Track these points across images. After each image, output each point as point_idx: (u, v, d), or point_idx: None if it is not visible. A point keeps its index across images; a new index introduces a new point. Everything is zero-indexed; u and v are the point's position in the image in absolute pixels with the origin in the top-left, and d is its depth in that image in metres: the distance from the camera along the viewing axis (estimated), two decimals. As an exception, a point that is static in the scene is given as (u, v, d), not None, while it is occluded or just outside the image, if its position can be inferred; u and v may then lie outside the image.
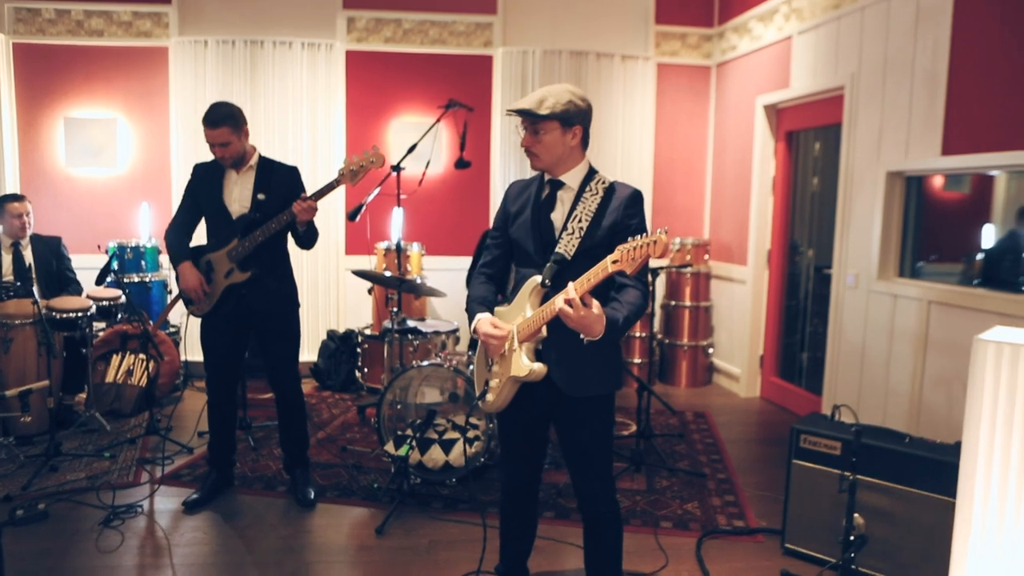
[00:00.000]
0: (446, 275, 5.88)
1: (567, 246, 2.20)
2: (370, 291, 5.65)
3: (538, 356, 2.23)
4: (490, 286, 2.46)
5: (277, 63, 5.72)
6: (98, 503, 3.46)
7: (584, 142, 2.28)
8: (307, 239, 3.38)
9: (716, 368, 6.16)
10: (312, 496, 3.55)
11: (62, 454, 3.95)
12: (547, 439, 2.52)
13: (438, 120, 4.44)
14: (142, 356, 4.99)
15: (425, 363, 3.87)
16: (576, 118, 2.22)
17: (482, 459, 3.74)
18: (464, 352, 4.22)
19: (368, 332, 5.56)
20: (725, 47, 6.05)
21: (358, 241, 5.97)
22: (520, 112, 2.20)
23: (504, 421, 2.44)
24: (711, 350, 6.15)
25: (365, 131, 5.95)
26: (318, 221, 3.44)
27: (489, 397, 2.32)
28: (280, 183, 3.39)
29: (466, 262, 5.97)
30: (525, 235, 2.31)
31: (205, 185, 3.40)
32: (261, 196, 3.33)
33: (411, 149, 4.50)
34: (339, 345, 5.75)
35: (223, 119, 3.21)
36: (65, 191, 5.83)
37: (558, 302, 2.02)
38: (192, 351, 5.07)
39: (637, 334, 6.00)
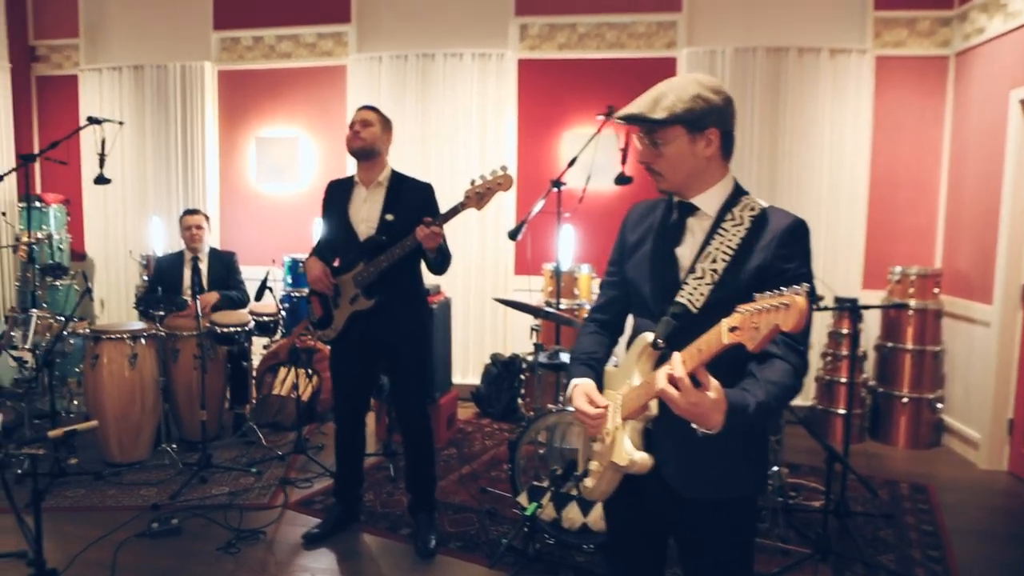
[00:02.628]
0: (616, 300, 5.35)
1: (692, 294, 1.60)
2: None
3: (647, 439, 1.68)
4: (601, 337, 1.90)
5: (448, 75, 5.57)
6: (226, 524, 3.40)
7: (726, 151, 1.66)
8: (438, 264, 3.06)
9: (946, 428, 5.00)
10: (432, 545, 3.22)
11: (213, 466, 4.00)
12: (664, 547, 1.89)
13: (598, 131, 3.97)
14: (304, 370, 5.03)
15: (571, 407, 3.39)
16: (708, 118, 1.60)
17: (626, 524, 3.18)
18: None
19: (531, 358, 5.19)
20: (968, 31, 4.93)
21: (527, 260, 5.64)
22: (629, 119, 1.64)
23: (612, 517, 1.89)
24: (940, 405, 5.01)
25: (536, 143, 5.61)
26: (486, 238, 3.11)
27: (588, 483, 1.79)
28: (411, 203, 3.11)
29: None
30: (642, 275, 1.74)
31: (335, 202, 3.22)
32: (389, 217, 3.07)
33: (571, 163, 4.08)
34: (501, 371, 5.44)
35: (374, 108, 3.20)
36: (254, 207, 6.13)
37: (660, 380, 1.46)
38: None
39: (842, 379, 5.04)
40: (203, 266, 4.78)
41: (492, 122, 5.58)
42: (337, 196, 3.22)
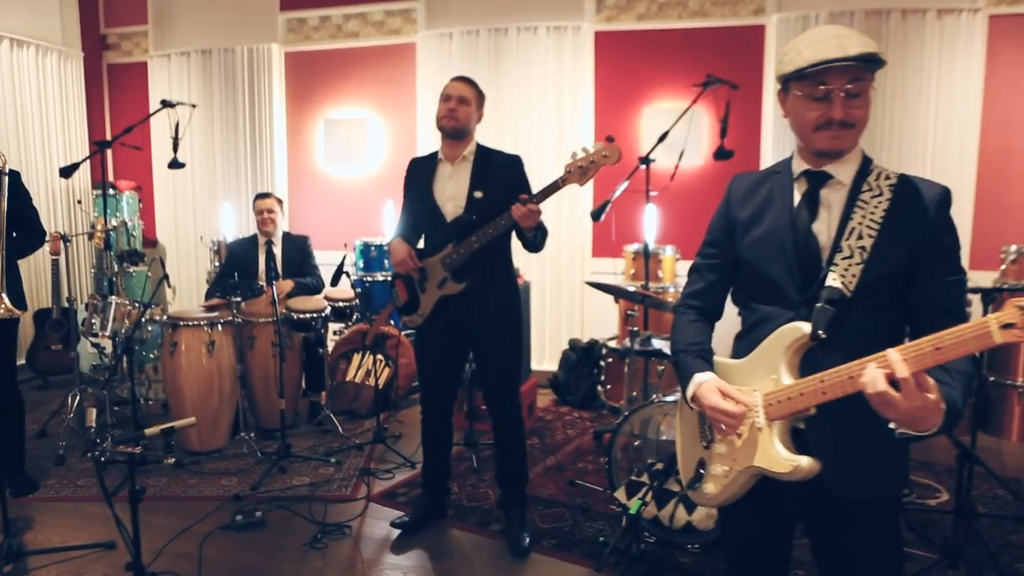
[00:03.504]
0: (700, 283, 5.07)
1: (845, 276, 1.41)
2: (616, 298, 5.04)
3: (798, 439, 1.48)
4: (704, 326, 1.71)
5: (521, 50, 5.34)
6: (310, 517, 3.28)
7: None
8: (536, 242, 2.85)
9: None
10: (527, 543, 3.03)
11: (292, 456, 3.90)
12: (790, 548, 1.72)
13: (694, 101, 3.70)
14: (381, 357, 4.91)
15: (669, 398, 3.17)
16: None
17: (735, 524, 2.94)
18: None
19: (613, 344, 4.99)
20: (1099, -14, 4.47)
21: (606, 242, 5.40)
22: (859, 60, 1.38)
23: (731, 522, 1.70)
24: (1059, 394, 4.61)
25: (615, 119, 5.35)
26: (562, 219, 2.89)
27: (709, 488, 1.59)
28: (500, 178, 2.91)
29: (724, 269, 5.14)
30: (770, 255, 1.53)
31: (418, 181, 3.03)
32: (478, 194, 2.87)
33: (662, 138, 3.83)
34: (581, 357, 5.23)
35: (473, 81, 2.97)
36: (322, 190, 6.03)
37: (877, 382, 1.23)
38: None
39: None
40: (277, 251, 4.68)
41: (568, 98, 5.34)
42: (420, 174, 3.03)
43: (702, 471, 1.63)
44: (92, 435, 1.96)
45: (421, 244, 3.10)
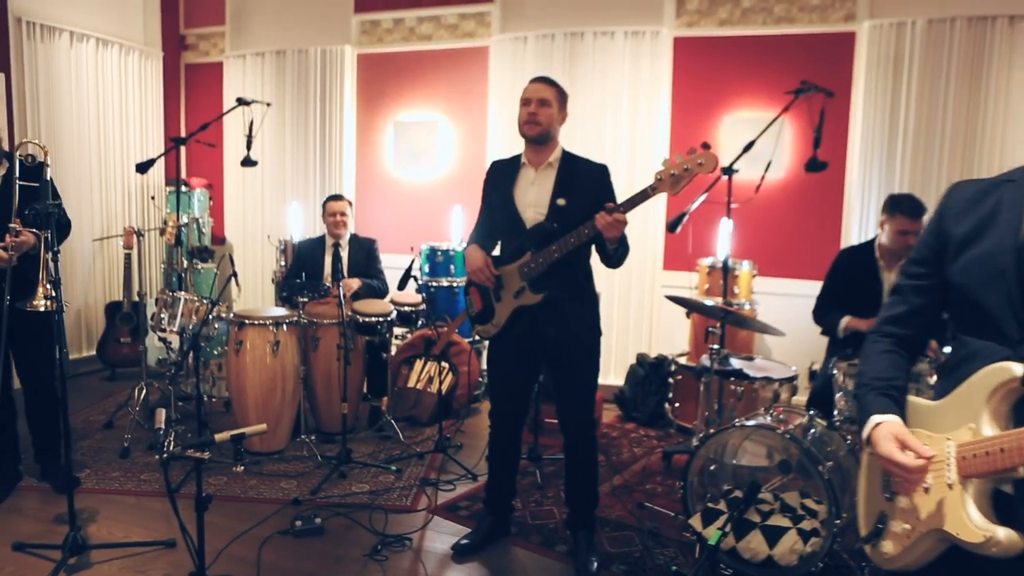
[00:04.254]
0: (780, 301, 4.85)
1: None
2: (688, 314, 4.85)
3: (1001, 504, 1.24)
4: (898, 358, 1.49)
5: (598, 55, 5.20)
6: (370, 527, 3.19)
7: None
8: (617, 256, 2.70)
9: None
10: (594, 568, 2.88)
11: (352, 462, 3.83)
12: None
13: (786, 109, 3.51)
14: (444, 364, 4.82)
15: (751, 422, 2.97)
16: None
17: (820, 564, 2.73)
18: (802, 409, 3.21)
19: (683, 361, 4.79)
20: None
21: (678, 255, 5.21)
22: None
23: None
24: None
25: (692, 128, 5.16)
26: (633, 229, 2.75)
27: (887, 547, 1.38)
28: (584, 186, 2.77)
29: (807, 287, 4.89)
30: (985, 280, 1.31)
31: (498, 185, 2.91)
32: (561, 202, 2.73)
33: (748, 147, 3.65)
34: (648, 372, 5.04)
35: (553, 81, 2.83)
36: (390, 193, 6.00)
37: None
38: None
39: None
40: (344, 253, 4.64)
41: (644, 105, 5.16)
42: (501, 178, 2.91)
43: (881, 526, 1.42)
44: (161, 437, 1.90)
45: (496, 251, 2.98)
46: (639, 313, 5.35)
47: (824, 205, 4.94)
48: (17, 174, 3.10)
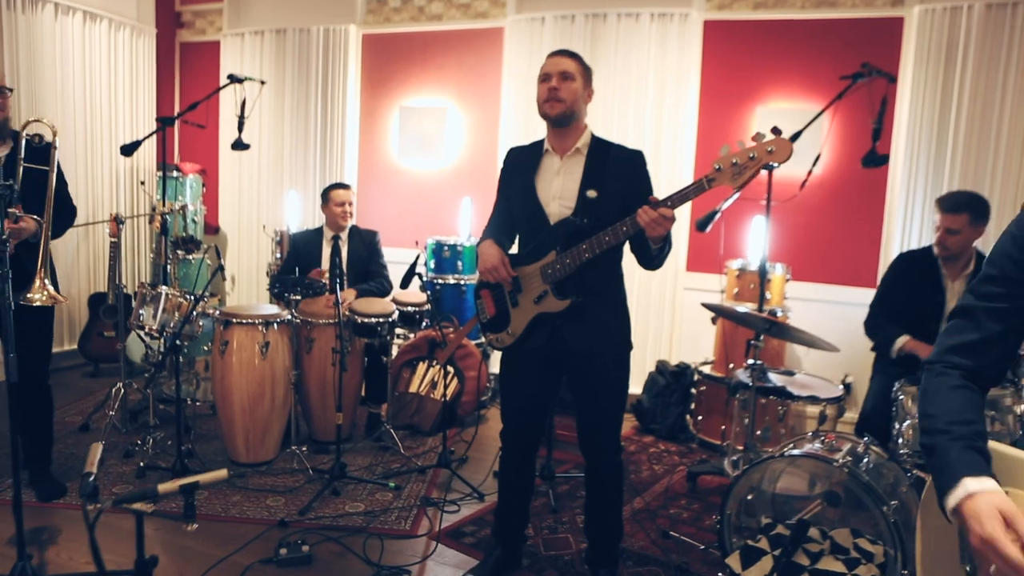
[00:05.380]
0: (815, 307, 4.50)
1: None
2: (714, 319, 4.48)
3: None
4: (973, 395, 1.21)
5: (621, 38, 4.81)
6: (364, 556, 2.83)
7: None
8: (657, 258, 2.34)
9: None
10: (619, 614, 2.52)
11: (346, 477, 3.47)
12: None
13: (841, 95, 3.15)
14: (449, 368, 4.46)
15: (798, 451, 2.61)
16: None
17: (883, 618, 2.37)
18: (854, 435, 2.84)
19: (707, 371, 4.42)
20: None
21: (704, 255, 4.83)
22: None
23: None
24: None
25: (722, 118, 4.78)
26: None
27: None
28: (618, 176, 2.39)
29: (842, 293, 4.54)
30: None
31: (518, 174, 2.53)
32: (591, 194, 2.36)
33: (794, 138, 3.25)
34: (670, 381, 4.67)
35: (575, 53, 2.45)
36: (395, 183, 5.63)
37: None
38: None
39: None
40: (344, 246, 4.28)
41: (671, 93, 4.77)
42: (521, 166, 2.54)
43: None
44: (89, 485, 1.50)
45: (514, 249, 2.61)
46: (659, 316, 4.97)
47: (863, 205, 4.56)
48: (22, 154, 2.93)
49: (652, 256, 2.31)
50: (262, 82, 4.35)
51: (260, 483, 3.47)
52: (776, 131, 2.08)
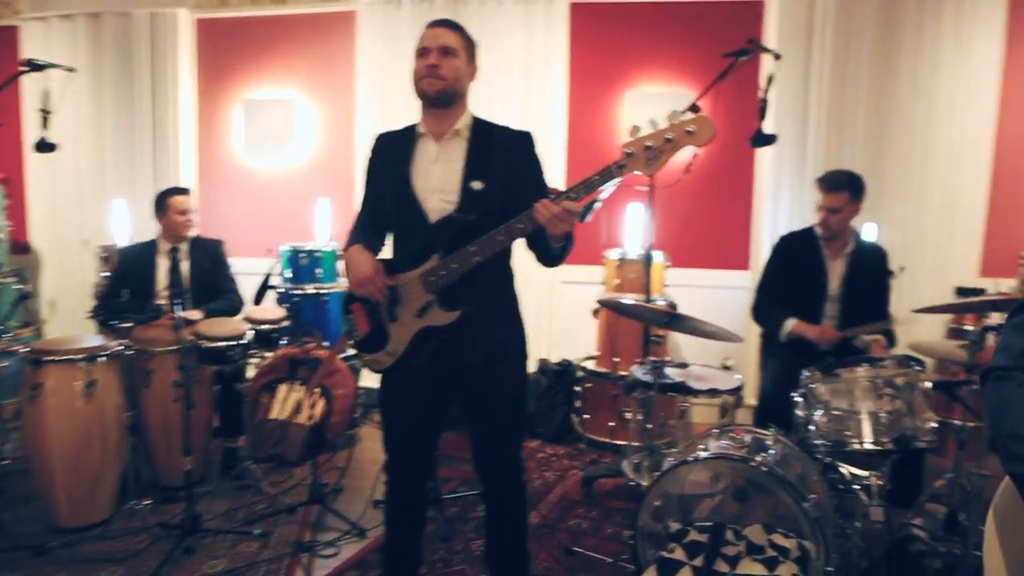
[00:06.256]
0: (693, 293, 4.42)
1: None
2: (595, 313, 4.30)
3: None
4: None
5: (485, 23, 4.53)
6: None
7: None
8: (560, 256, 2.06)
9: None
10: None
11: (201, 531, 2.95)
12: None
13: (726, 72, 3.00)
14: (318, 389, 4.00)
15: (710, 453, 2.43)
16: None
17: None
18: (761, 429, 2.71)
19: (591, 366, 4.25)
20: None
21: (581, 246, 4.61)
22: None
23: None
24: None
25: (592, 104, 4.63)
26: None
27: None
28: (506, 163, 2.09)
29: (721, 277, 4.51)
30: None
31: (388, 164, 2.17)
32: (477, 185, 2.04)
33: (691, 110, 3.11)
34: (553, 382, 4.46)
35: (457, 25, 2.14)
36: (241, 185, 5.07)
37: None
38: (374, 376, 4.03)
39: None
40: (184, 260, 3.72)
41: (538, 79, 4.57)
42: (391, 154, 2.18)
43: None
44: None
45: (388, 253, 2.25)
46: (536, 314, 4.74)
47: (733, 188, 4.56)
48: None
49: (554, 255, 2.03)
50: (70, 69, 3.68)
51: (92, 551, 2.88)
52: (695, 108, 1.86)
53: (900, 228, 4.33)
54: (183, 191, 3.81)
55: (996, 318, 3.98)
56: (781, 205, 4.45)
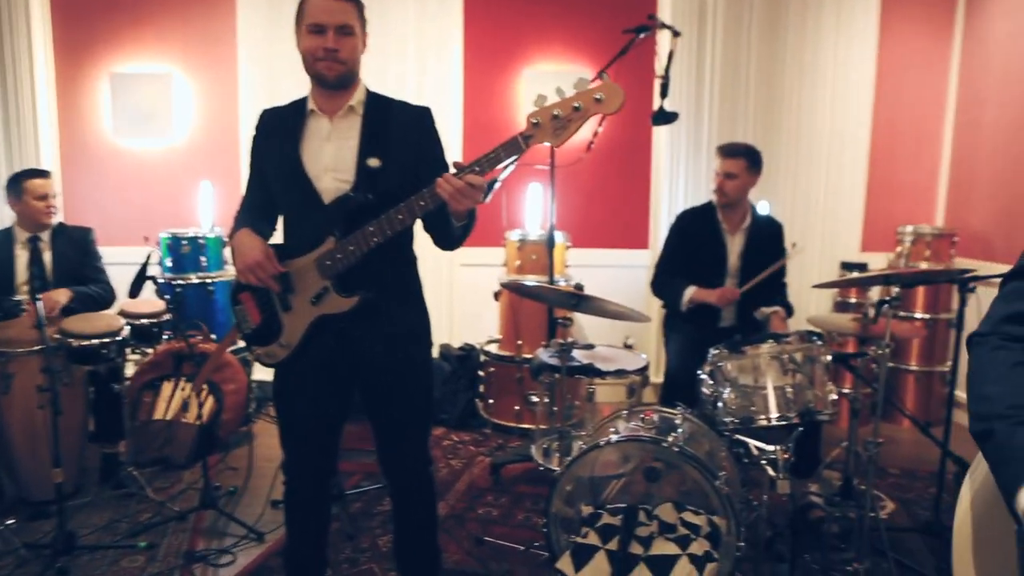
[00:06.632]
0: (593, 273, 4.42)
1: None
2: (497, 295, 4.23)
3: None
4: None
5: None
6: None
7: None
8: (461, 236, 1.96)
9: (958, 403, 4.47)
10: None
11: (77, 548, 2.69)
12: None
13: (626, 48, 2.96)
14: (205, 385, 3.73)
15: (621, 436, 2.41)
16: None
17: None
18: (664, 408, 2.71)
19: (494, 350, 4.19)
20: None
21: (481, 227, 4.53)
22: None
23: None
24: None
25: (488, 83, 4.54)
26: None
27: None
28: (404, 138, 1.97)
29: (621, 256, 4.55)
30: None
31: (276, 142, 2.00)
32: (374, 162, 1.91)
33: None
34: (456, 367, 4.37)
35: None
36: (112, 167, 4.67)
37: None
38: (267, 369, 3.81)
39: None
40: (46, 249, 3.37)
41: (432, 58, 4.44)
42: (279, 131, 2.00)
43: None
44: None
45: (279, 237, 2.08)
46: (436, 298, 4.61)
47: (632, 166, 4.60)
48: None
49: (454, 236, 1.93)
50: None
51: (-54, 579, 2.58)
52: (604, 78, 1.79)
53: (789, 205, 4.49)
54: (42, 173, 3.44)
55: (877, 292, 4.20)
56: (678, 183, 4.52)
